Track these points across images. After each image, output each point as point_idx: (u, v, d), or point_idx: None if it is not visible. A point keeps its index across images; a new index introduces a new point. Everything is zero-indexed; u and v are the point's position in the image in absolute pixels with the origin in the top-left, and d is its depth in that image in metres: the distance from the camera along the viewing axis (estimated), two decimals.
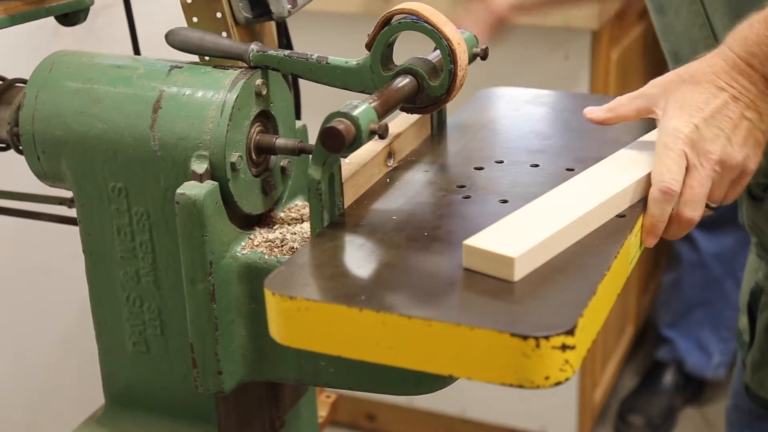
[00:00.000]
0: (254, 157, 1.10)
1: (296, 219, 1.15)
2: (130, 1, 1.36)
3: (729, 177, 1.07)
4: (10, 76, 1.22)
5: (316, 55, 1.09)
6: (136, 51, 1.39)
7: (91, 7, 1.28)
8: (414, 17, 1.07)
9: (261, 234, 1.10)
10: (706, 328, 2.81)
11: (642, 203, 1.05)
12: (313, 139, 1.02)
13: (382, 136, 0.99)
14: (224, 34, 1.12)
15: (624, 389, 2.88)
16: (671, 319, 2.85)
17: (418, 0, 1.10)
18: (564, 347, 0.82)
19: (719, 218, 2.71)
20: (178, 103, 1.07)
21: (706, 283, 2.80)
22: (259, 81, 1.09)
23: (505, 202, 1.06)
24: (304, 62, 1.09)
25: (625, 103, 1.12)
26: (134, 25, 1.37)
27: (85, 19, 1.29)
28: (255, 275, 1.06)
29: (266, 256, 1.06)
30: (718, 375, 2.83)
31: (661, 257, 3.12)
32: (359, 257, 0.99)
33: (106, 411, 1.22)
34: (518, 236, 0.94)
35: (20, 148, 1.16)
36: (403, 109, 1.12)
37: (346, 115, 0.97)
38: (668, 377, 2.84)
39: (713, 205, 1.09)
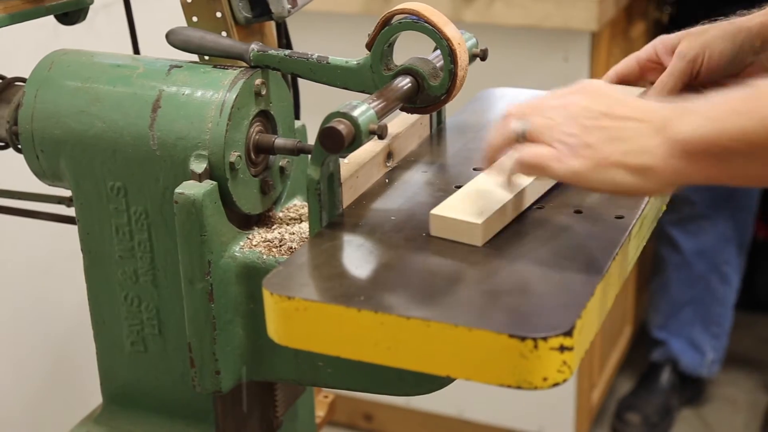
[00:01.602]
0: (253, 156, 1.10)
1: (295, 219, 1.14)
2: (130, 0, 1.36)
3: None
4: (9, 74, 1.22)
5: (317, 54, 1.09)
6: (136, 50, 1.38)
7: (91, 6, 1.28)
8: (414, 17, 1.07)
9: (259, 234, 1.10)
10: (697, 326, 2.81)
11: (641, 204, 1.05)
12: (312, 139, 1.02)
13: (381, 137, 0.99)
14: (224, 33, 1.12)
15: (621, 390, 2.88)
16: (661, 321, 2.85)
17: (418, 0, 1.10)
18: (562, 348, 0.82)
19: (696, 215, 2.72)
20: (178, 103, 1.07)
21: (691, 281, 2.80)
22: (258, 81, 1.09)
23: None
24: (304, 62, 1.09)
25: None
26: (134, 24, 1.37)
27: (84, 18, 1.29)
28: (253, 275, 1.06)
29: (265, 256, 1.06)
30: (713, 372, 2.84)
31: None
32: (358, 257, 0.99)
33: (103, 410, 1.22)
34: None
35: (19, 146, 1.16)
36: (403, 109, 1.12)
37: (345, 115, 0.97)
38: (665, 377, 2.84)
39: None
